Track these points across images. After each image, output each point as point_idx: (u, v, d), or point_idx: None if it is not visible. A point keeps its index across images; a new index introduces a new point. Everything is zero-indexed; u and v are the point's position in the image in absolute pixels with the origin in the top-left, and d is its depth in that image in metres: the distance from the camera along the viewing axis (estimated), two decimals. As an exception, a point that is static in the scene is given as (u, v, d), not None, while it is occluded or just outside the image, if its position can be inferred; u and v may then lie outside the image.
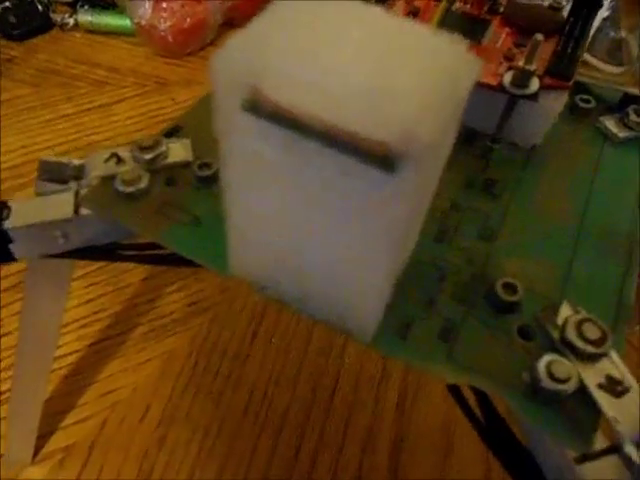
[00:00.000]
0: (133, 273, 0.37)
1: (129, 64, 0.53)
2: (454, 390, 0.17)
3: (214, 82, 0.12)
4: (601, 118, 0.23)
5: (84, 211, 0.19)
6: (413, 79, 0.11)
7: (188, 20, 0.51)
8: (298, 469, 0.29)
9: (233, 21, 0.56)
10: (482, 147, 0.22)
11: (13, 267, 0.33)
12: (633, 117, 0.22)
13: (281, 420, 0.31)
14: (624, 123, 0.22)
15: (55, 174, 0.20)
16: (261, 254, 0.15)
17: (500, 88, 0.20)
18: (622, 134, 0.22)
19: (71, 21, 0.55)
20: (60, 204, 0.19)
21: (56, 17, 0.55)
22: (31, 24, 0.54)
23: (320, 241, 0.13)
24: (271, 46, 0.11)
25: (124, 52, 0.54)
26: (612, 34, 0.53)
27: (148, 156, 0.19)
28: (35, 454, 0.29)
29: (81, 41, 0.55)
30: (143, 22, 0.51)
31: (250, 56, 0.11)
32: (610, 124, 0.22)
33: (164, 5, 0.50)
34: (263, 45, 0.11)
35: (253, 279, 0.16)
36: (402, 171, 0.11)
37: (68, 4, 0.57)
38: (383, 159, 0.11)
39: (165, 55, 0.53)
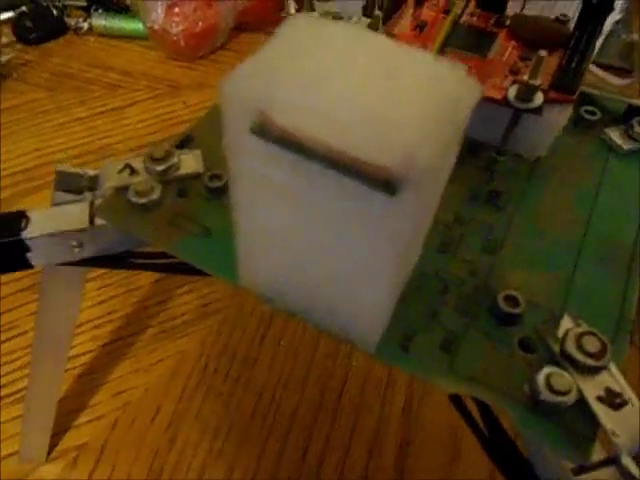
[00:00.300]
0: (144, 275, 0.38)
1: (142, 67, 0.54)
2: (456, 401, 0.17)
3: (224, 106, 0.12)
4: (606, 130, 0.23)
5: (99, 221, 0.20)
6: (415, 106, 0.11)
7: (200, 24, 0.52)
8: (305, 470, 0.30)
9: (244, 25, 0.56)
10: (487, 159, 0.22)
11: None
12: (638, 129, 0.22)
13: (289, 422, 0.31)
14: (629, 135, 0.22)
15: (71, 185, 0.20)
16: (268, 268, 0.16)
17: (505, 102, 0.20)
18: (627, 146, 0.22)
19: (85, 25, 0.56)
20: (76, 214, 0.20)
21: (70, 21, 0.56)
22: (46, 28, 0.55)
23: (324, 257, 0.14)
24: (279, 72, 0.12)
25: (137, 56, 0.55)
26: (624, 37, 0.53)
27: (160, 168, 0.20)
28: (49, 452, 0.30)
29: (95, 45, 0.56)
30: (156, 26, 0.52)
31: (259, 82, 0.12)
32: (615, 136, 0.23)
33: (176, 10, 0.51)
34: (271, 71, 0.12)
35: (261, 291, 0.16)
36: (403, 194, 0.11)
37: (82, 8, 0.57)
38: (385, 183, 0.11)
39: (177, 59, 0.54)
